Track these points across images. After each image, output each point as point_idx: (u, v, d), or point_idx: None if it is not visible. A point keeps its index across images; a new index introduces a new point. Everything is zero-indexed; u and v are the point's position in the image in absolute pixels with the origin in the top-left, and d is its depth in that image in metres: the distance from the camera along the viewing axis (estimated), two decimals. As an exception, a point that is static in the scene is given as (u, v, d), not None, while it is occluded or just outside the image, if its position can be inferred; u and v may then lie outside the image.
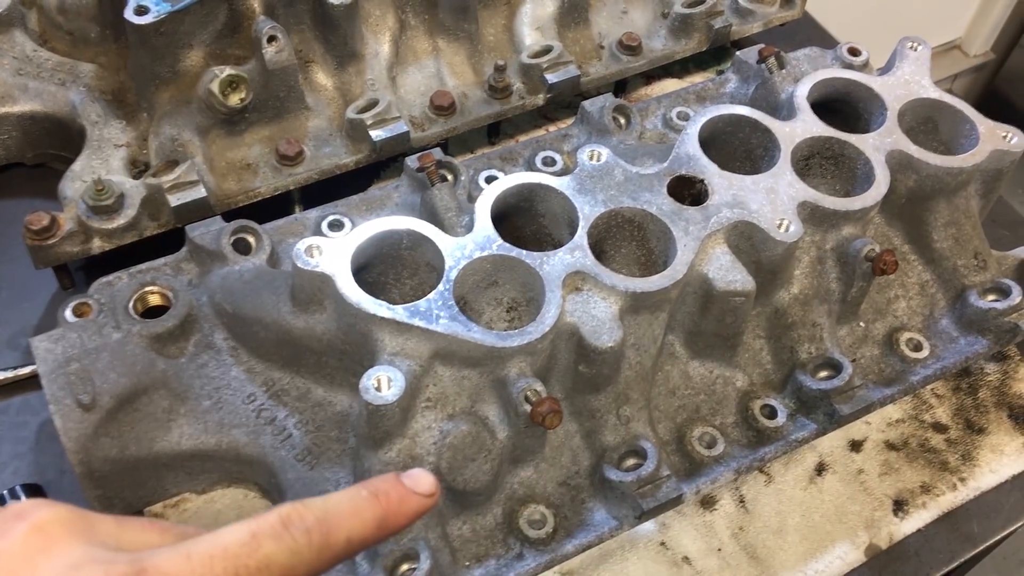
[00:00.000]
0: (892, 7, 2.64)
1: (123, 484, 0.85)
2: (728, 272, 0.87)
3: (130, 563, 0.47)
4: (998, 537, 0.98)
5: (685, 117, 1.13)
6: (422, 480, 0.58)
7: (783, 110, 1.02)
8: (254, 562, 0.49)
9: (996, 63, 3.29)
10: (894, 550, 0.95)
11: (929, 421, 1.03)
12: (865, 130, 0.99)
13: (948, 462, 1.00)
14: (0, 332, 1.01)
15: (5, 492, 0.87)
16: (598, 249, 0.88)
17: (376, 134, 1.06)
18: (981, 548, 0.97)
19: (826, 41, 1.43)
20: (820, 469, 0.98)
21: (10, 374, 0.96)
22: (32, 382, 0.95)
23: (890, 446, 1.01)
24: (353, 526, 0.53)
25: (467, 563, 0.83)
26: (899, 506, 0.97)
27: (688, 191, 0.92)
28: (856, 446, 1.00)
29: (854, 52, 1.15)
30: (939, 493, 0.98)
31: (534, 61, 1.15)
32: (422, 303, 0.80)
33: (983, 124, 1.00)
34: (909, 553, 0.95)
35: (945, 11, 3.04)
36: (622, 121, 1.09)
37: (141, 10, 0.99)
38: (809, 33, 1.44)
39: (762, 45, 1.12)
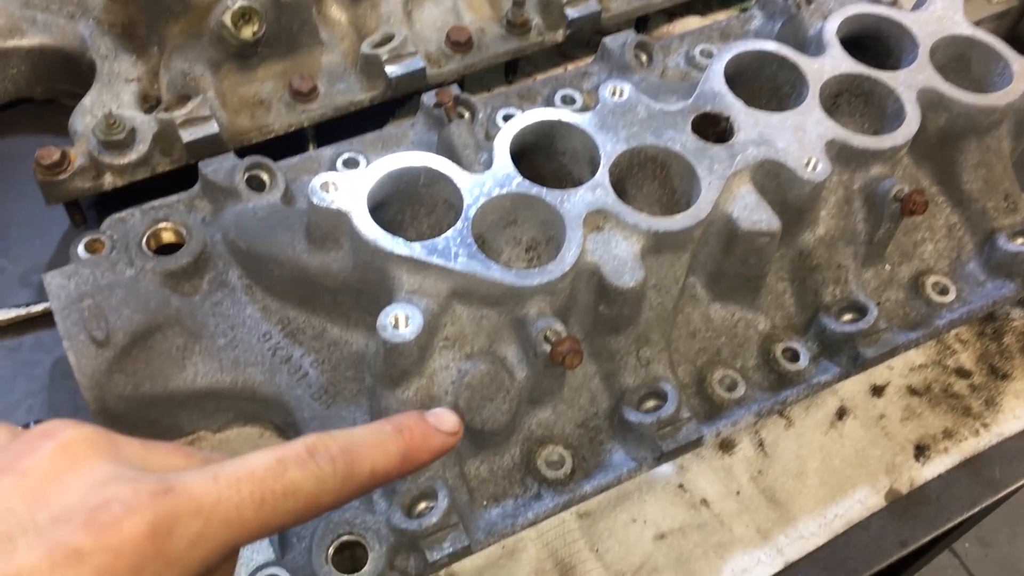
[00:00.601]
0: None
1: (137, 422, 0.84)
2: (753, 212, 0.85)
3: (157, 482, 0.47)
4: (1021, 483, 0.97)
5: (708, 55, 1.10)
6: (445, 418, 0.59)
7: (811, 47, 0.99)
8: (280, 487, 0.49)
9: (1019, 10, 3.21)
10: (915, 495, 0.94)
11: (952, 366, 1.02)
12: (895, 67, 0.96)
13: (971, 407, 0.99)
14: (12, 270, 1.00)
15: (20, 428, 0.87)
16: (620, 188, 0.86)
17: (391, 70, 1.03)
18: (1003, 494, 0.96)
19: (853, -21, 1.39)
20: (841, 414, 0.97)
21: (23, 312, 0.95)
22: (45, 320, 0.94)
23: (912, 391, 0.99)
24: (377, 458, 0.54)
25: (485, 502, 0.82)
26: (920, 451, 0.96)
27: (713, 129, 0.90)
28: (878, 391, 0.99)
29: (884, -12, 1.11)
30: (961, 439, 0.97)
31: (554, -5, 1.11)
32: (440, 241, 0.78)
33: (1018, 62, 0.97)
34: (930, 498, 0.94)
35: (970, -46, 2.97)
36: (644, 58, 1.06)
37: (150, -61, 0.96)
38: (836, -30, 1.39)
39: (789, -20, 1.08)
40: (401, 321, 0.74)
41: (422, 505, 0.77)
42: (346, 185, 0.79)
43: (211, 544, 0.47)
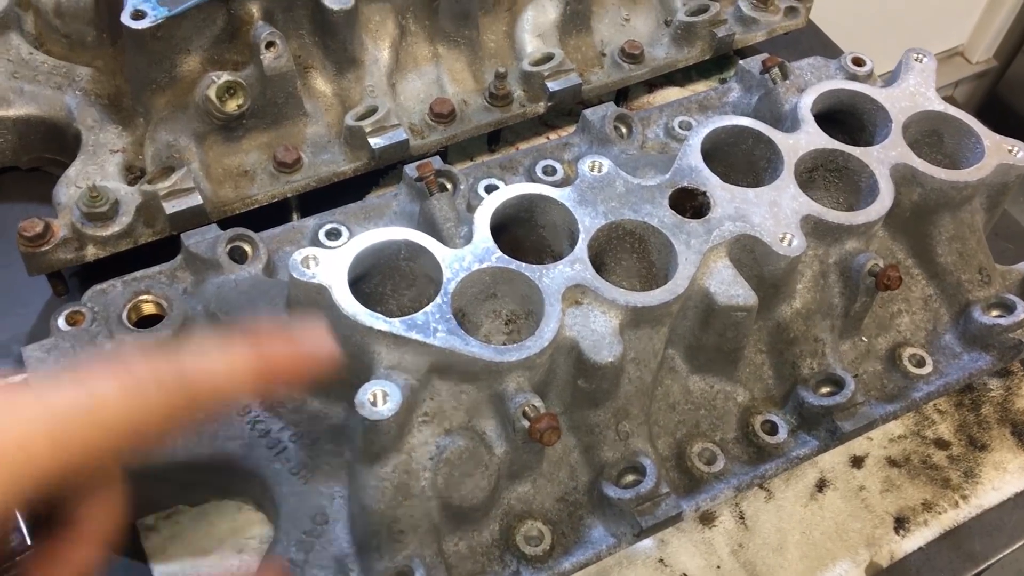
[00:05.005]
0: (895, 14, 2.63)
1: (115, 496, 0.84)
2: (730, 286, 0.86)
3: None
4: (1000, 556, 0.97)
5: (687, 126, 1.12)
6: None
7: (787, 121, 1.01)
8: None
9: (999, 70, 3.29)
10: (895, 568, 0.94)
11: (931, 437, 1.02)
12: (869, 142, 0.98)
13: (950, 479, 0.99)
14: (-8, 339, 1.00)
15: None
16: (598, 262, 0.87)
17: (375, 142, 1.04)
18: (983, 567, 0.96)
19: (830, 50, 1.42)
20: (821, 485, 0.97)
21: (1, 382, 0.95)
22: (24, 390, 0.94)
23: (892, 462, 1.00)
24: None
25: (463, 580, 0.81)
26: (900, 523, 0.96)
27: (690, 203, 0.91)
28: (857, 462, 0.99)
29: (858, 62, 1.14)
30: (941, 511, 0.97)
31: (535, 69, 1.14)
32: (419, 316, 0.78)
33: (989, 138, 0.99)
34: (910, 571, 0.94)
35: (948, 18, 3.04)
36: (624, 130, 1.08)
37: (138, 14, 0.98)
38: (812, 41, 1.43)
39: (766, 55, 1.11)
40: (379, 398, 0.75)
41: (399, 584, 0.77)
42: (327, 260, 0.80)
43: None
